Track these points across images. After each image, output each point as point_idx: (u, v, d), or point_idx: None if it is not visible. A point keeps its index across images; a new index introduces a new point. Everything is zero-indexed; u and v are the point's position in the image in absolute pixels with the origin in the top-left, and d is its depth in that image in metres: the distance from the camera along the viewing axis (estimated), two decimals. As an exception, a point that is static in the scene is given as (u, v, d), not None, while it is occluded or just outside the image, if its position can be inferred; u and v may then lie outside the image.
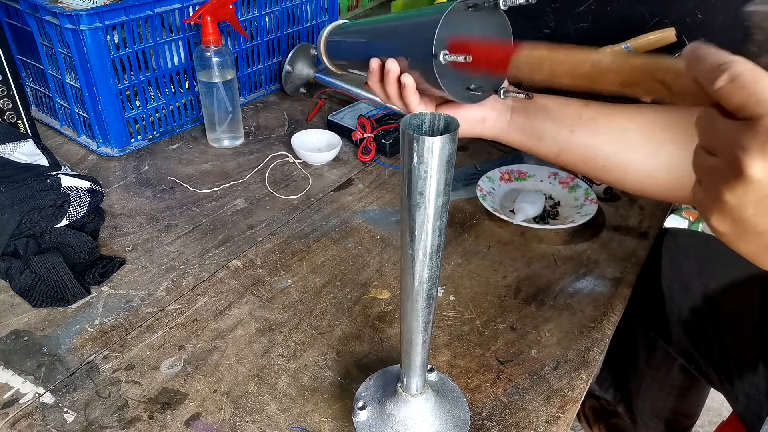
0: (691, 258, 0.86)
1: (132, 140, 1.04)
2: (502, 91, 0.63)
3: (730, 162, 0.31)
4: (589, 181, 0.94)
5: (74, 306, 0.72)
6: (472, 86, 0.63)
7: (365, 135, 1.02)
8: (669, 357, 1.02)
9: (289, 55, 1.22)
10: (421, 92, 0.64)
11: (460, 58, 0.57)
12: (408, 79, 0.62)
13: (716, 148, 0.33)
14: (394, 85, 0.64)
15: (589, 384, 0.64)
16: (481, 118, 0.65)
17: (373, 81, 0.66)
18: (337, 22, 0.73)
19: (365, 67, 0.66)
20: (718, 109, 0.32)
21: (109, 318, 0.70)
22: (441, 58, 0.57)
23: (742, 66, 0.30)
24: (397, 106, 0.67)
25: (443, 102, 0.67)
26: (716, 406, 1.49)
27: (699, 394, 1.12)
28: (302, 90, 1.27)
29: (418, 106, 0.64)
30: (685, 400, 1.10)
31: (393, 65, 0.62)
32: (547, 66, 0.48)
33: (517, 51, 0.50)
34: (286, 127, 1.14)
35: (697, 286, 0.84)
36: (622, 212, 0.91)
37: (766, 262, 0.35)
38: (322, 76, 1.23)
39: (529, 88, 0.63)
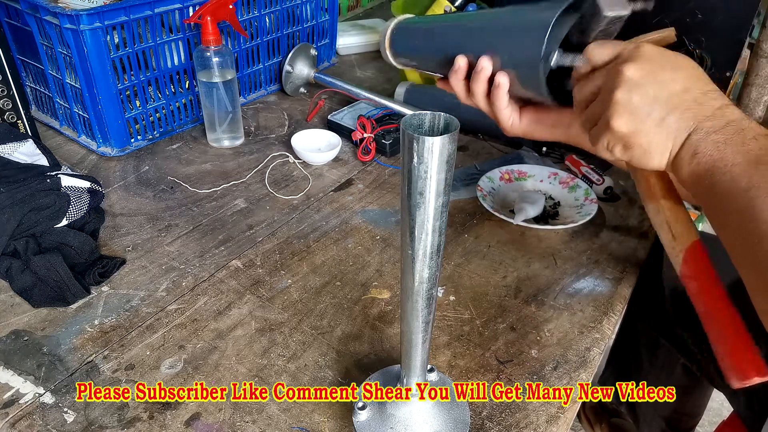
0: None
1: (132, 140, 1.04)
2: None
3: (610, 82, 0.47)
4: (589, 181, 0.94)
5: (74, 306, 0.72)
6: (567, 87, 0.58)
7: (365, 135, 1.02)
8: (672, 356, 1.02)
9: (289, 55, 1.22)
10: (510, 94, 0.61)
11: (578, 61, 0.53)
12: (503, 79, 0.59)
13: (596, 89, 0.49)
14: (483, 84, 0.61)
15: (589, 384, 0.64)
16: (569, 123, 0.63)
17: (456, 78, 0.63)
18: (403, 16, 0.70)
19: (443, 64, 0.64)
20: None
21: (109, 318, 0.70)
22: (552, 61, 0.54)
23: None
24: (478, 105, 0.64)
25: (528, 103, 0.64)
26: (716, 406, 1.49)
27: (701, 394, 1.12)
28: (302, 90, 1.27)
29: (506, 108, 0.62)
30: (688, 399, 1.10)
31: (487, 64, 0.59)
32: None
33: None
34: (286, 127, 1.14)
35: None
36: (622, 212, 0.91)
37: (653, 149, 0.46)
38: (322, 76, 1.23)
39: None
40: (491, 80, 0.60)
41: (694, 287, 0.52)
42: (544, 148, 1.04)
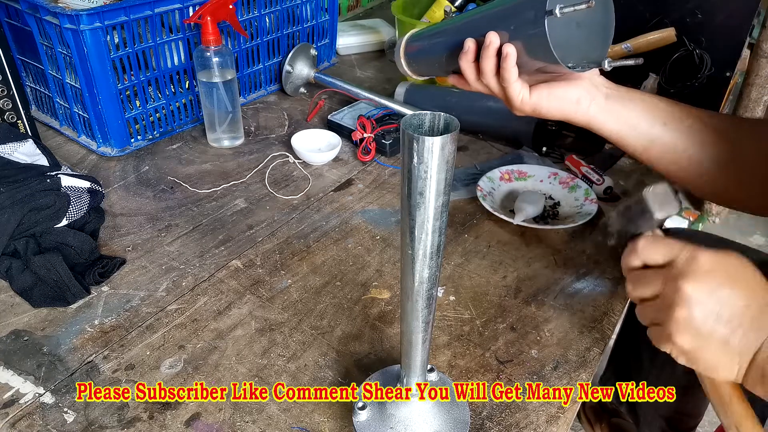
0: None
1: (132, 140, 1.04)
2: (606, 62, 0.61)
3: (669, 295, 0.45)
4: (589, 181, 0.94)
5: (74, 306, 0.72)
6: (570, 63, 0.59)
7: (365, 135, 1.02)
8: (672, 356, 1.02)
9: (289, 55, 1.22)
10: (519, 67, 0.62)
11: (581, 5, 0.54)
12: (511, 49, 0.59)
13: (652, 295, 0.47)
14: (492, 58, 0.61)
15: (589, 384, 0.64)
16: (577, 99, 0.64)
17: (467, 61, 0.64)
18: (412, 31, 0.73)
19: (454, 56, 0.65)
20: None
21: (109, 318, 0.70)
22: (557, 11, 0.54)
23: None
24: (490, 87, 0.65)
25: (539, 81, 0.64)
26: (716, 406, 1.49)
27: (702, 394, 1.12)
28: (302, 90, 1.27)
29: (516, 81, 0.62)
30: (688, 400, 1.10)
31: (495, 37, 0.60)
32: None
33: None
34: (286, 127, 1.14)
35: None
36: (622, 212, 0.91)
37: (720, 366, 0.46)
38: (322, 76, 1.23)
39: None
40: (499, 55, 0.61)
41: None
42: (544, 148, 1.04)
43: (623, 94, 0.66)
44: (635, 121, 0.65)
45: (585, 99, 0.64)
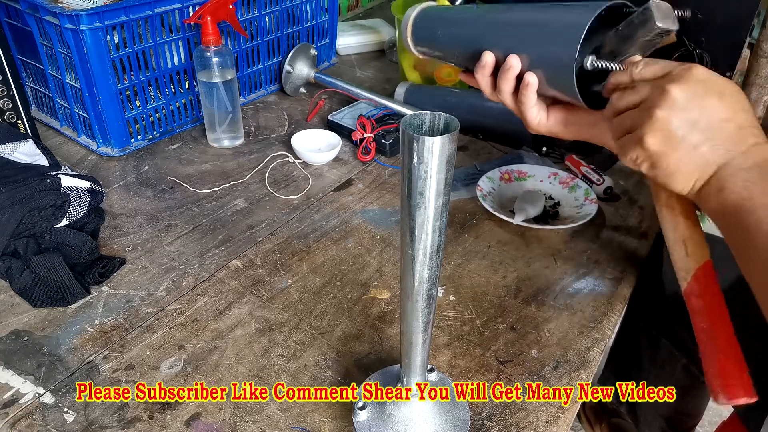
0: None
1: (132, 140, 1.04)
2: (589, 61, 0.57)
3: (654, 98, 0.46)
4: (589, 181, 0.94)
5: (74, 306, 0.72)
6: (595, 88, 0.57)
7: (365, 135, 1.02)
8: (672, 356, 1.02)
9: (289, 55, 1.22)
10: (537, 93, 0.60)
11: (614, 66, 0.52)
12: (533, 79, 0.58)
13: (638, 101, 0.48)
14: (511, 82, 0.60)
15: (589, 384, 0.64)
16: (593, 123, 0.62)
17: (483, 74, 0.62)
18: (427, 3, 0.68)
19: (467, 57, 0.62)
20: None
21: (109, 318, 0.70)
22: (588, 64, 0.53)
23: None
24: (504, 102, 0.63)
25: (555, 102, 0.63)
26: (716, 406, 1.49)
27: (702, 394, 1.12)
28: (302, 90, 1.27)
29: (534, 106, 0.60)
30: (688, 399, 1.10)
31: (516, 62, 0.58)
32: None
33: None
34: (286, 127, 1.14)
35: None
36: (622, 212, 0.91)
37: (680, 174, 0.47)
38: (322, 76, 1.23)
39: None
40: (519, 77, 0.59)
41: (699, 305, 0.53)
42: (544, 148, 1.04)
43: None
44: None
45: (601, 121, 0.63)
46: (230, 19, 1.03)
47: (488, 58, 0.60)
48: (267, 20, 1.19)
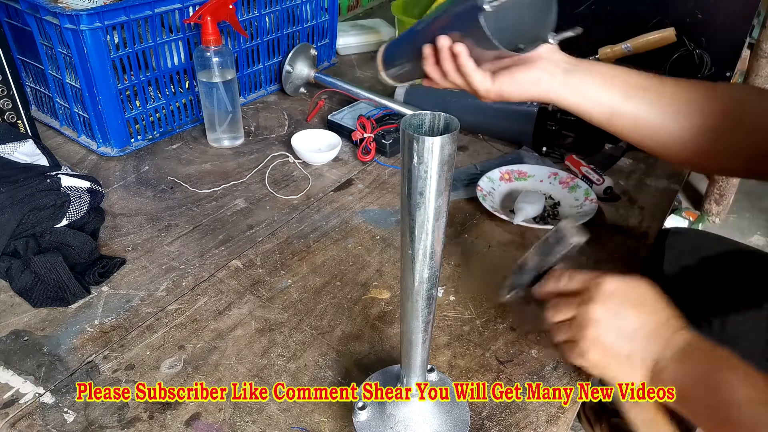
0: (694, 257, 0.86)
1: (132, 140, 1.04)
2: (550, 36, 0.64)
3: (581, 317, 0.54)
4: (589, 181, 0.94)
5: (74, 306, 0.72)
6: (520, 45, 0.64)
7: (365, 135, 1.02)
8: None
9: (289, 55, 1.22)
10: (475, 60, 0.66)
11: None
12: (460, 47, 0.64)
13: (568, 318, 0.56)
14: (449, 60, 0.66)
15: (589, 384, 0.64)
16: (537, 80, 0.66)
17: (430, 66, 0.68)
18: (384, 44, 0.78)
19: (418, 61, 0.69)
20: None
21: (109, 318, 0.70)
22: (487, 6, 0.58)
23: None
24: (457, 83, 0.69)
25: (499, 69, 0.68)
26: (716, 406, 1.49)
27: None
28: (302, 90, 1.27)
29: (475, 71, 0.66)
30: None
31: (444, 40, 0.65)
32: None
33: None
34: (286, 127, 1.14)
35: (699, 286, 0.84)
36: (622, 212, 0.91)
37: (625, 376, 0.55)
38: (322, 76, 1.23)
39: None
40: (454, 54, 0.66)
41: None
42: (544, 148, 1.04)
43: (584, 68, 0.67)
44: (594, 93, 0.67)
45: (545, 78, 0.66)
46: (230, 19, 1.03)
47: (428, 50, 0.67)
48: (267, 20, 1.19)
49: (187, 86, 1.09)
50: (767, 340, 0.76)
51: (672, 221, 2.12)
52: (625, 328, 0.53)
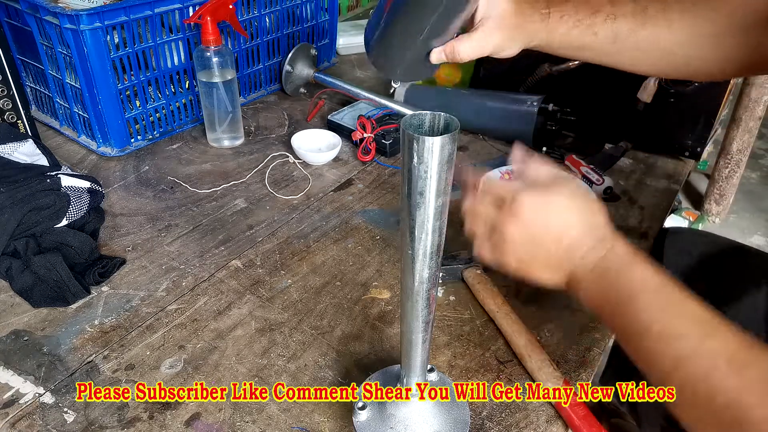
0: (694, 257, 0.86)
1: (132, 140, 1.04)
2: None
3: (497, 232, 0.55)
4: (589, 181, 0.94)
5: (74, 306, 0.72)
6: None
7: (365, 135, 1.02)
8: None
9: (289, 55, 1.22)
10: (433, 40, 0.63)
11: None
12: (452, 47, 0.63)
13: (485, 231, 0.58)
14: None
15: (589, 384, 0.64)
16: (500, 48, 0.65)
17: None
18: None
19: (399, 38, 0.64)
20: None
21: (109, 318, 0.70)
22: None
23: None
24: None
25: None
26: (716, 406, 1.49)
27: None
28: (302, 90, 1.27)
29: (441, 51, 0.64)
30: None
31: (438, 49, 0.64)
32: None
33: None
34: (286, 127, 1.14)
35: (699, 285, 0.84)
36: (622, 212, 0.91)
37: (545, 280, 0.55)
38: (322, 76, 1.23)
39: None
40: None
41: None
42: (544, 148, 1.04)
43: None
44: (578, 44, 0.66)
45: (507, 45, 0.65)
46: (230, 19, 1.03)
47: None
48: (267, 20, 1.19)
49: (187, 86, 1.09)
50: (766, 334, 0.76)
51: (672, 221, 2.12)
52: (537, 248, 0.53)
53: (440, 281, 0.70)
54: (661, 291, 0.48)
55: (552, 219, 0.53)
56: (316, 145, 1.04)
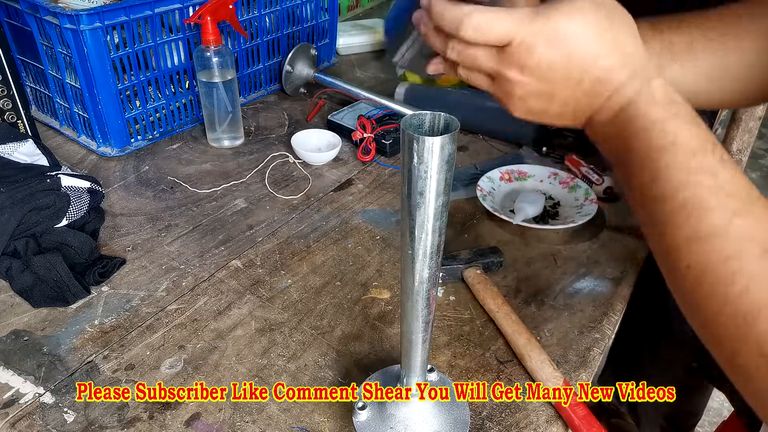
0: None
1: (132, 140, 1.04)
2: None
3: (503, 82, 0.45)
4: (589, 181, 0.94)
5: (74, 306, 0.72)
6: None
7: (365, 135, 1.02)
8: (672, 356, 1.02)
9: (289, 55, 1.22)
10: None
11: None
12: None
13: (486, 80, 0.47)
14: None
15: (589, 384, 0.64)
16: None
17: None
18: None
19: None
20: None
21: (109, 318, 0.70)
22: None
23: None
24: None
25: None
26: (716, 406, 1.50)
27: (701, 394, 1.12)
28: (302, 90, 1.27)
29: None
30: (688, 399, 1.10)
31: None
32: None
33: None
34: (286, 127, 1.14)
35: None
36: (622, 212, 0.91)
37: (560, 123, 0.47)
38: (322, 76, 1.23)
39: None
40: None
41: None
42: (544, 148, 1.04)
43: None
44: None
45: None
46: (230, 19, 1.03)
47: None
48: (267, 20, 1.19)
49: (187, 86, 1.09)
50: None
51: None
52: (554, 96, 0.45)
53: (440, 281, 0.70)
54: (695, 154, 0.40)
55: (571, 51, 0.42)
56: (316, 145, 1.04)
